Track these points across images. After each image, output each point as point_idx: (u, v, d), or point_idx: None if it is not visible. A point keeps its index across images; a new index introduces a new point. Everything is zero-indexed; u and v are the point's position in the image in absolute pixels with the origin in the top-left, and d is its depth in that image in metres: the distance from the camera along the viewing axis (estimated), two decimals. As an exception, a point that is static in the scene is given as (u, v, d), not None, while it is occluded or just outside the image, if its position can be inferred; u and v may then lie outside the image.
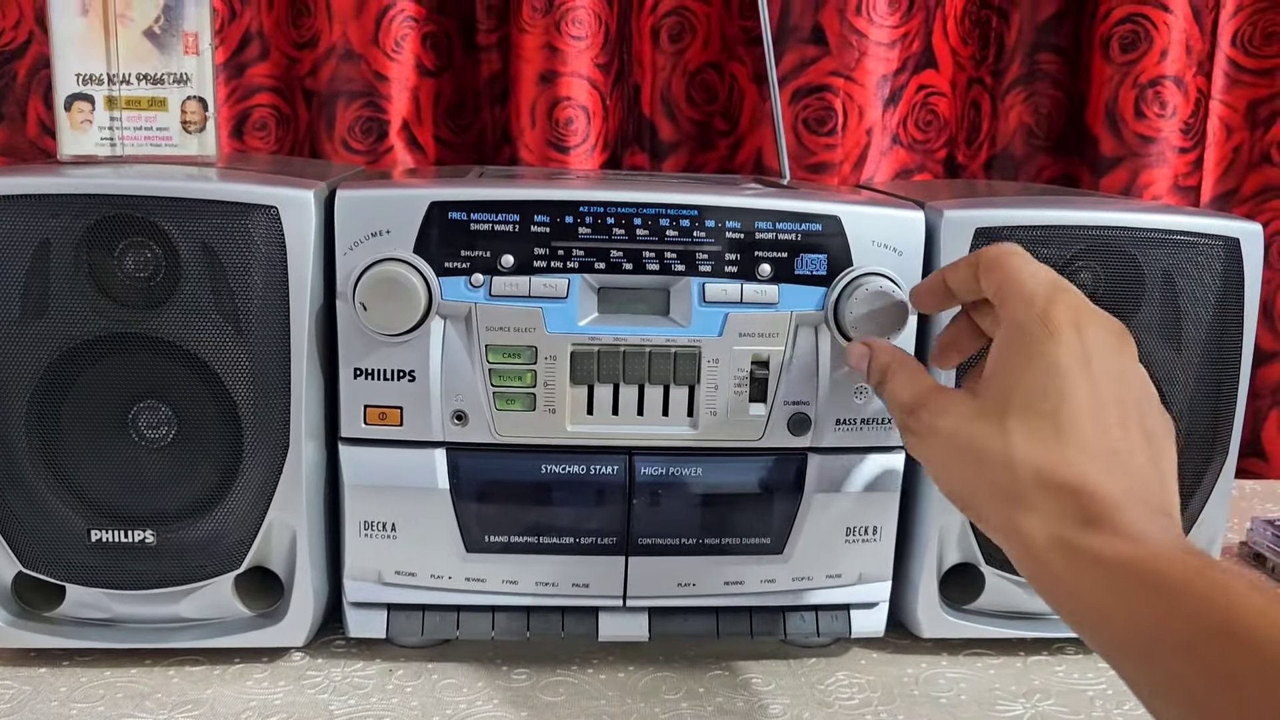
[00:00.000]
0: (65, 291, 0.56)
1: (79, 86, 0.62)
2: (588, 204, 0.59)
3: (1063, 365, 0.46)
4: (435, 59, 0.94)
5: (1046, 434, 0.45)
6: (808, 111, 0.93)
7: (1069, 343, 0.46)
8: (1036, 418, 0.45)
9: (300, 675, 0.63)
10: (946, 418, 0.49)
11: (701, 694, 0.62)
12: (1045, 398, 0.46)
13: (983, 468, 0.47)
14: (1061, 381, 0.46)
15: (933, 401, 0.51)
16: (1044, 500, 0.44)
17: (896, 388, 0.54)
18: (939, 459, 0.51)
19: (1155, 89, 0.94)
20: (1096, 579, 0.42)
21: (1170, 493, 0.46)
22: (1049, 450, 0.45)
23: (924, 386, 0.53)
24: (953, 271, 0.54)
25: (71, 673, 0.62)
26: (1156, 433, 0.47)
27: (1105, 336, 0.47)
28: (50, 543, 0.60)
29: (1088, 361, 0.46)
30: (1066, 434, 0.45)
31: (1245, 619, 0.36)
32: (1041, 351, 0.46)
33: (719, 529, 0.63)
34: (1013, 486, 0.45)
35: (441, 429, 0.61)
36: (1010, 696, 0.63)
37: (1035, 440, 0.45)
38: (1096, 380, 0.46)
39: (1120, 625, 0.41)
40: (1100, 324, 0.48)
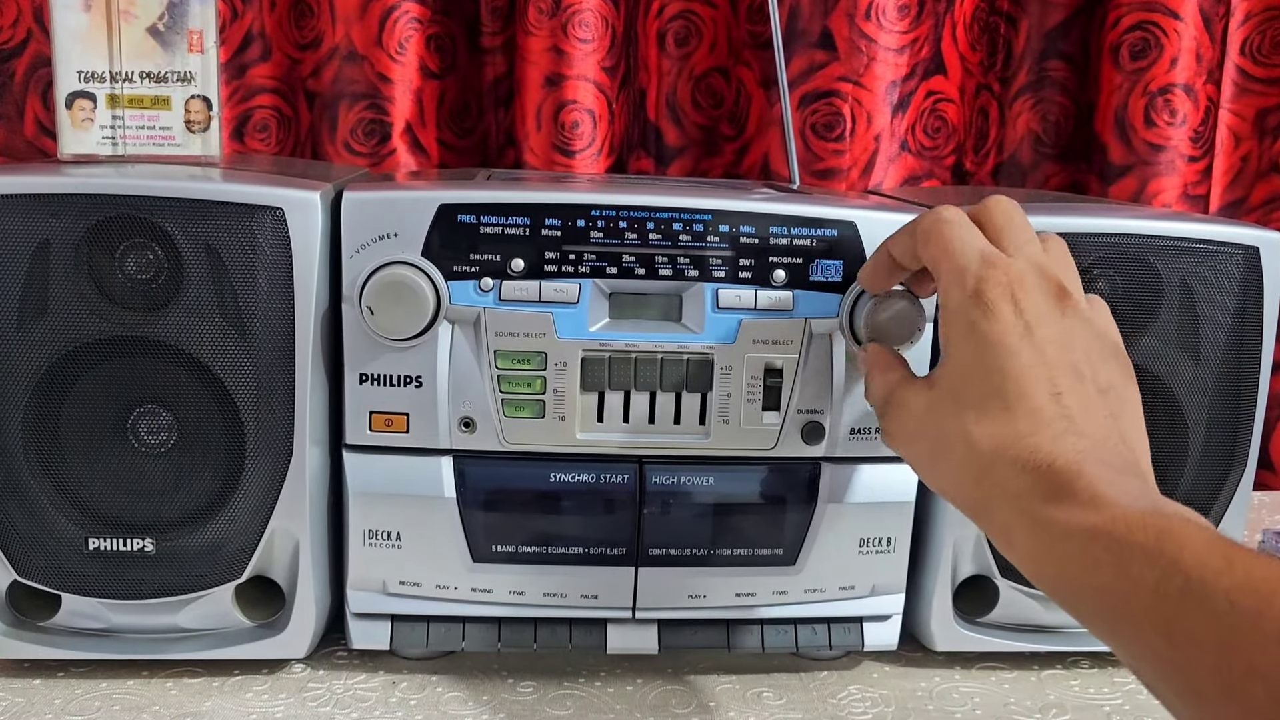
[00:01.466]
0: (65, 293, 0.55)
1: (80, 84, 0.61)
2: (600, 207, 0.58)
3: (1002, 341, 0.46)
4: (439, 61, 0.93)
5: (996, 410, 0.45)
6: (816, 117, 0.92)
7: (1004, 316, 0.46)
8: (985, 397, 0.46)
9: (301, 687, 0.61)
10: (907, 410, 0.50)
11: (712, 708, 0.61)
12: (989, 374, 0.46)
13: (946, 453, 0.47)
14: (1002, 358, 0.46)
15: (895, 396, 0.52)
16: (1005, 477, 0.44)
17: (872, 385, 0.55)
18: (909, 449, 0.51)
19: (1165, 97, 0.93)
20: (1063, 551, 0.42)
21: (1133, 445, 0.46)
22: (1002, 428, 0.45)
23: (892, 381, 0.53)
24: (895, 241, 0.54)
25: (67, 684, 0.61)
26: (1113, 385, 0.47)
27: (1043, 302, 0.47)
28: (46, 550, 0.58)
29: (1028, 332, 0.46)
30: (1015, 407, 0.45)
31: (1205, 582, 0.36)
32: (980, 330, 0.47)
33: (730, 540, 0.62)
34: (976, 470, 0.46)
35: (448, 436, 0.60)
36: (1025, 711, 0.62)
37: (987, 419, 0.46)
38: (1040, 348, 0.46)
39: (1090, 595, 0.41)
40: (1036, 289, 0.47)
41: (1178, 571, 0.37)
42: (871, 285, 0.57)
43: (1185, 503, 0.63)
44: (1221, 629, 0.35)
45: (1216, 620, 0.35)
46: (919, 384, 0.51)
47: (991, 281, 0.47)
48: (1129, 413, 0.48)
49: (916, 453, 0.51)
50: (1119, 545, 0.40)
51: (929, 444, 0.49)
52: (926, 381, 0.51)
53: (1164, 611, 0.37)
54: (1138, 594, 0.38)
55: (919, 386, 0.51)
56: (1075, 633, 0.66)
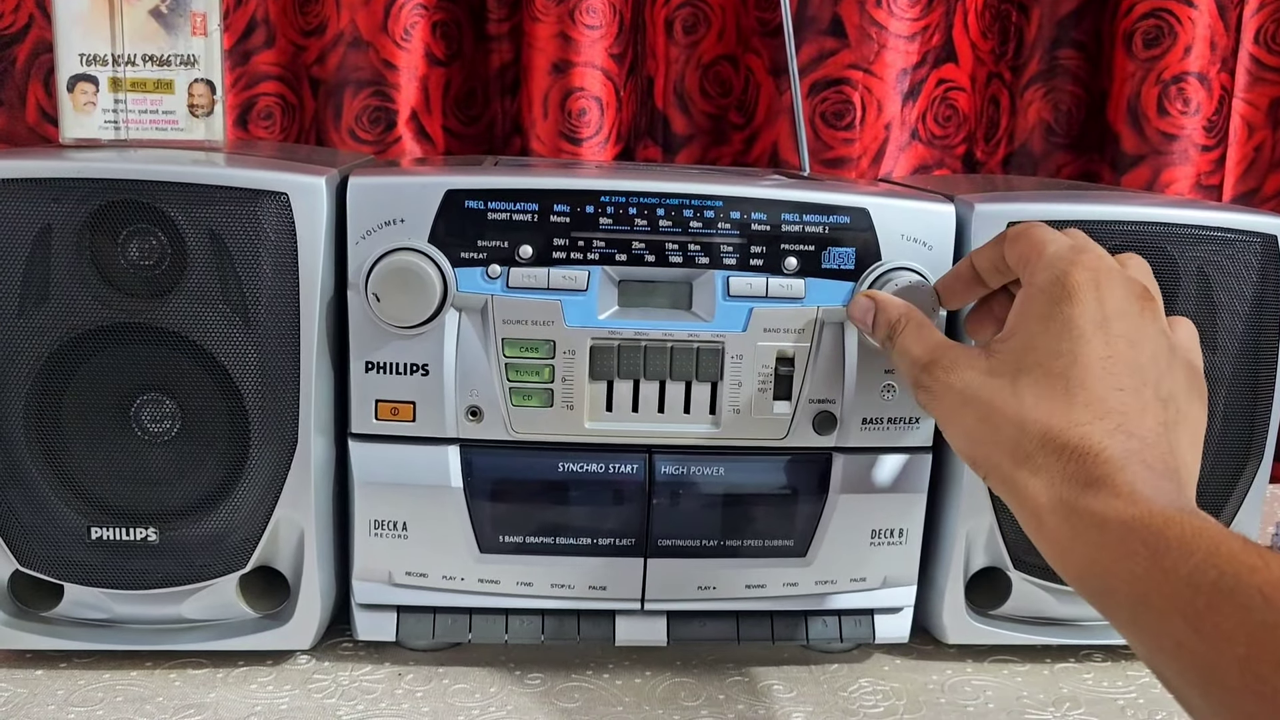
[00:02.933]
0: (67, 279, 0.55)
1: (82, 67, 0.60)
2: (609, 194, 0.57)
3: (1078, 326, 0.46)
4: (445, 48, 0.92)
5: (1057, 394, 0.45)
6: (825, 105, 0.91)
7: (1087, 304, 0.46)
8: (1048, 377, 0.46)
9: (306, 679, 0.61)
10: (960, 373, 0.49)
11: (721, 701, 0.60)
12: (1058, 358, 0.46)
13: (993, 425, 0.47)
14: (1076, 343, 0.46)
15: (946, 357, 0.51)
16: (1049, 460, 0.44)
17: (909, 342, 0.53)
18: (951, 414, 0.50)
19: (1179, 85, 0.92)
20: (1096, 539, 0.42)
21: (1181, 457, 0.46)
22: (1057, 410, 0.45)
23: (935, 341, 0.52)
24: (979, 253, 0.54)
25: (69, 675, 0.60)
26: (1175, 397, 0.47)
27: (1126, 299, 0.47)
28: (49, 540, 0.58)
29: (1104, 324, 0.46)
30: (1076, 394, 0.45)
31: (1240, 577, 0.36)
32: (1059, 312, 0.47)
33: (741, 530, 0.61)
34: (1021, 445, 0.45)
35: (455, 425, 0.59)
36: (1039, 705, 0.61)
37: (1045, 400, 0.45)
38: (1112, 342, 0.46)
39: (1119, 585, 0.41)
40: (1121, 286, 0.48)
41: (1211, 565, 0.37)
42: (948, 297, 0.57)
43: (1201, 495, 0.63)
44: (1252, 623, 0.35)
45: (1248, 614, 0.35)
46: (971, 350, 0.51)
47: (1081, 266, 0.47)
48: (1187, 429, 0.48)
49: (958, 417, 0.50)
50: (1154, 537, 0.39)
51: (975, 411, 0.48)
52: (982, 350, 0.50)
53: (1195, 603, 0.37)
54: (1169, 583, 0.38)
55: (973, 352, 0.50)
56: (1089, 626, 0.66)
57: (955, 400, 0.49)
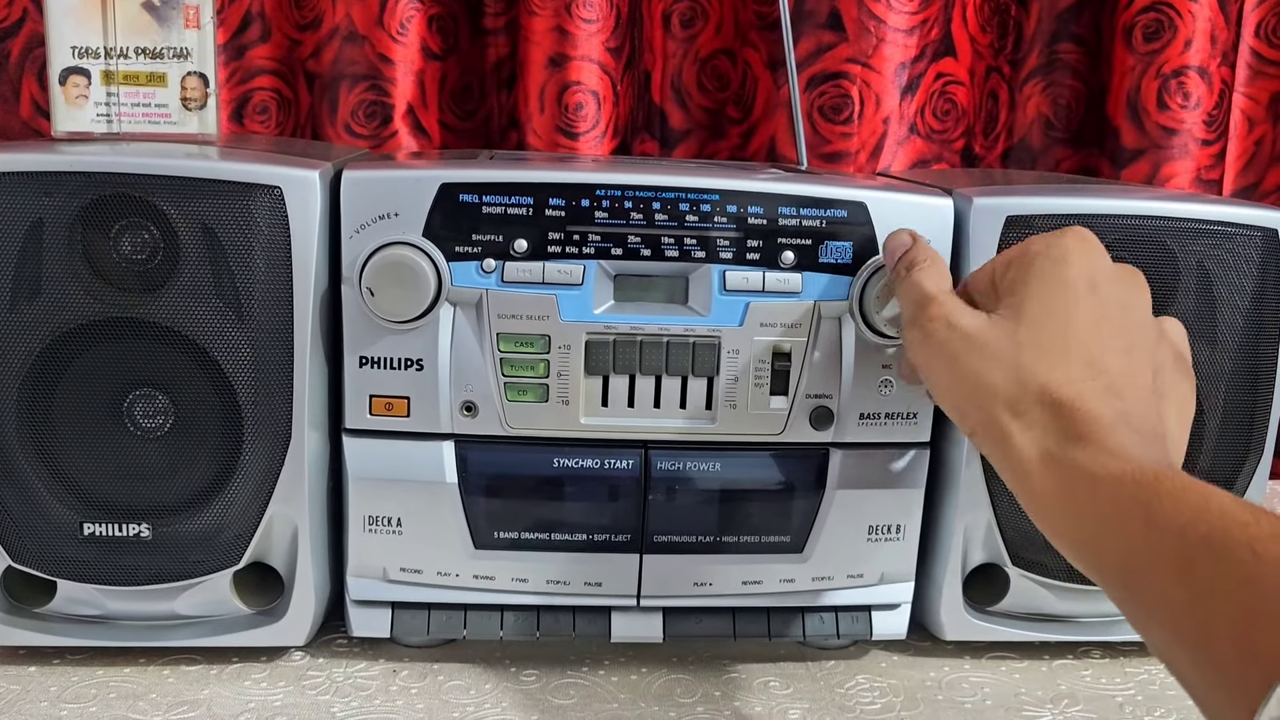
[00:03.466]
0: (59, 274, 0.54)
1: (74, 60, 0.60)
2: (605, 187, 0.57)
3: (1073, 286, 0.47)
4: (441, 42, 0.91)
5: (1056, 349, 0.46)
6: (823, 99, 0.91)
7: (1080, 267, 0.48)
8: (1046, 333, 0.47)
9: (301, 675, 0.60)
10: (959, 322, 0.49)
11: (717, 697, 0.60)
12: (1054, 315, 0.47)
13: (989, 374, 0.47)
14: (1071, 302, 0.47)
15: (950, 302, 0.51)
16: (1042, 415, 0.45)
17: (924, 277, 0.53)
18: (944, 359, 0.50)
19: (1179, 79, 0.92)
20: (1084, 495, 0.42)
21: (1168, 426, 0.47)
22: (1054, 366, 0.46)
23: (947, 286, 0.52)
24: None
25: (62, 671, 0.60)
26: (1164, 370, 0.48)
27: (1116, 270, 0.49)
28: (41, 536, 0.58)
29: (1095, 287, 0.48)
30: (1073, 351, 0.46)
31: (1230, 532, 0.36)
32: (1055, 272, 0.48)
33: (737, 526, 0.61)
34: (1015, 397, 0.46)
35: (450, 420, 0.58)
36: (1037, 702, 0.61)
37: (1045, 355, 0.46)
38: (1104, 305, 0.47)
39: (1109, 542, 0.41)
40: (1109, 262, 0.50)
41: (1202, 520, 0.37)
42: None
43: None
44: (1244, 577, 0.35)
45: (1240, 568, 0.35)
46: (973, 309, 0.51)
47: (1072, 235, 0.49)
48: (1174, 402, 0.48)
49: (952, 364, 0.49)
50: (1145, 491, 0.40)
51: (970, 360, 0.48)
52: (984, 310, 0.50)
53: (1185, 557, 0.37)
54: (1160, 539, 0.38)
55: (974, 310, 0.50)
56: (1087, 622, 0.65)
57: (955, 343, 0.49)
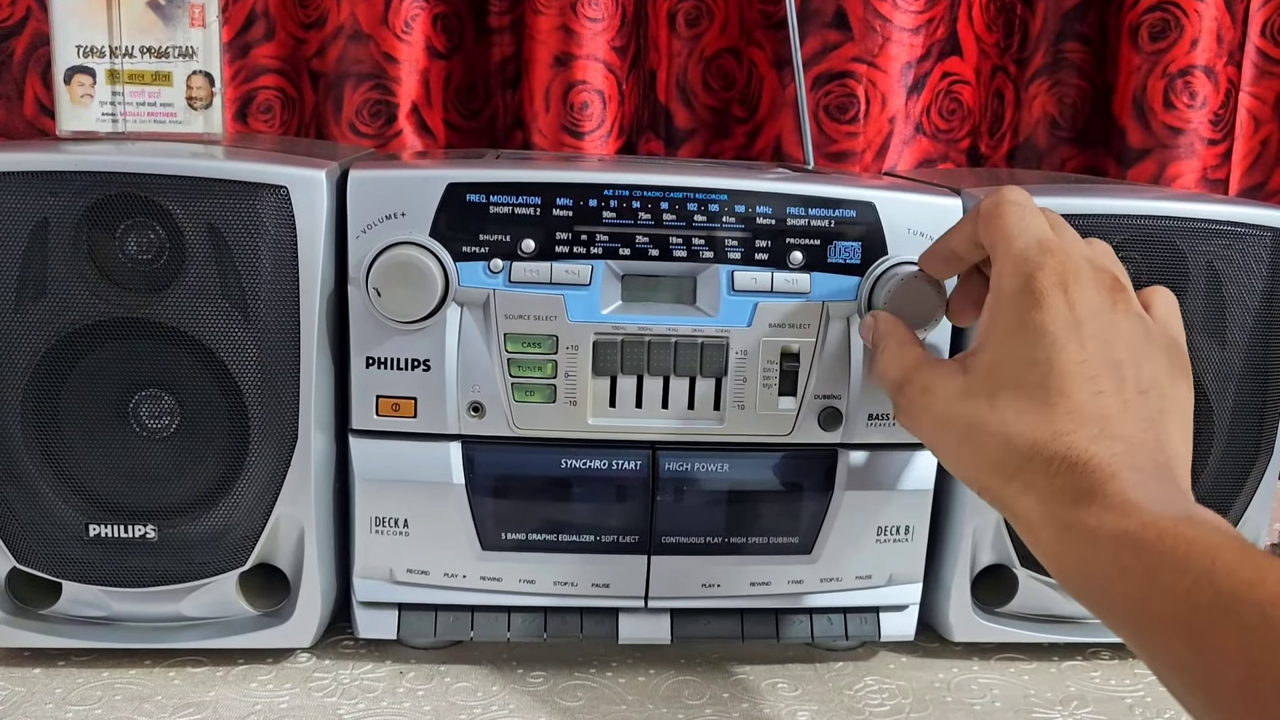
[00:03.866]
0: (64, 274, 0.54)
1: (79, 59, 0.59)
2: (613, 187, 0.57)
3: (1050, 333, 0.45)
4: (446, 41, 0.91)
5: (1037, 405, 0.44)
6: (829, 98, 0.90)
7: (1056, 308, 0.45)
8: (1026, 389, 0.45)
9: (307, 677, 0.60)
10: (936, 393, 0.48)
11: (726, 699, 0.60)
12: (1033, 367, 0.45)
13: (977, 443, 0.46)
14: (1049, 350, 0.45)
15: (919, 377, 0.50)
16: (1036, 475, 0.43)
17: (887, 362, 0.53)
18: (930, 435, 0.50)
19: (1185, 79, 0.91)
20: (1091, 554, 0.41)
21: (1172, 449, 0.45)
22: (1040, 422, 0.44)
23: (911, 360, 0.51)
24: (955, 231, 0.53)
25: (67, 673, 0.60)
26: (1157, 383, 0.46)
27: (1096, 295, 0.46)
28: (46, 537, 0.57)
29: (1076, 326, 0.45)
30: (1056, 403, 0.44)
31: (1238, 594, 0.36)
32: (1028, 320, 0.45)
33: (745, 528, 0.60)
34: (1007, 462, 0.44)
35: (457, 421, 0.58)
36: (1046, 704, 0.61)
37: (1027, 414, 0.44)
38: (1086, 344, 0.45)
39: (1117, 603, 0.40)
40: (1091, 282, 0.46)
41: (1209, 582, 0.36)
42: (931, 267, 0.56)
43: (1210, 491, 0.63)
44: (1252, 642, 0.34)
45: (1247, 633, 0.34)
46: (947, 366, 0.50)
47: (1047, 270, 0.46)
48: (1173, 414, 0.46)
49: (940, 439, 0.49)
50: (1148, 552, 0.39)
51: (956, 432, 0.47)
52: (957, 365, 0.49)
53: (1193, 622, 0.36)
54: (1166, 602, 0.37)
55: (948, 370, 0.49)
56: (1096, 624, 0.64)
57: (933, 422, 0.49)
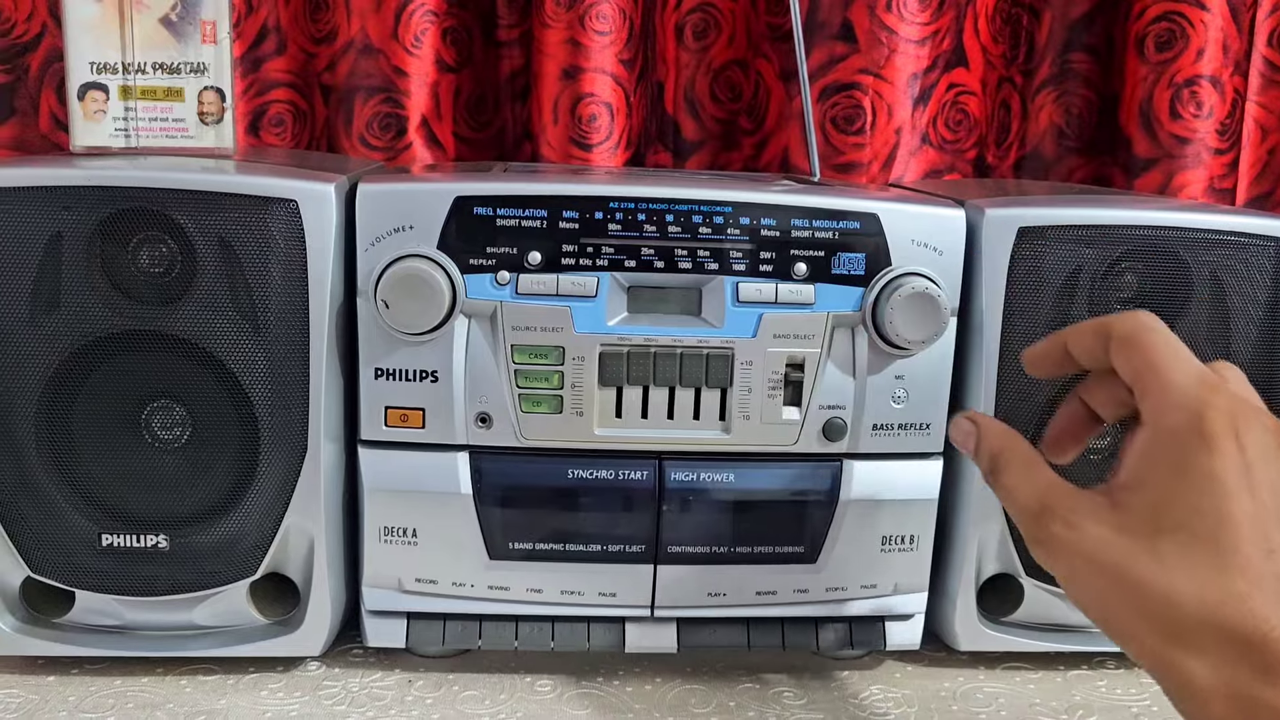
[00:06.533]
0: (77, 287, 0.55)
1: (93, 75, 0.60)
2: (618, 200, 0.57)
3: (1221, 480, 0.40)
4: (455, 54, 0.92)
5: (1207, 561, 0.40)
6: (836, 110, 0.91)
7: (1228, 454, 0.41)
8: (1194, 541, 0.40)
9: (317, 685, 0.61)
10: (1084, 529, 0.43)
11: (732, 708, 0.60)
12: (1203, 517, 0.40)
13: (1133, 594, 0.41)
14: (1221, 500, 0.40)
15: (1062, 506, 0.44)
16: (1211, 643, 0.39)
17: (1014, 484, 0.47)
18: (1076, 575, 0.44)
19: (1191, 89, 0.92)
20: None
21: None
22: (1211, 582, 0.39)
23: (1046, 483, 0.46)
24: (1076, 337, 0.48)
25: (81, 681, 0.60)
26: None
27: (1265, 439, 0.42)
28: (59, 547, 0.58)
29: (1248, 472, 0.41)
30: (1229, 560, 0.40)
31: None
32: (1196, 464, 0.41)
33: (751, 537, 0.61)
34: (1173, 622, 0.40)
35: (465, 432, 0.59)
36: (1051, 713, 0.61)
37: (1196, 569, 0.40)
38: (1258, 493, 0.41)
39: None
40: (1259, 424, 0.42)
41: None
42: (1035, 368, 0.51)
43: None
44: None
45: None
46: (1092, 498, 0.44)
47: (1217, 409, 0.42)
48: None
49: (1087, 582, 0.43)
50: None
51: (1109, 578, 0.42)
52: (1104, 498, 0.44)
53: None
54: None
55: (1095, 502, 0.44)
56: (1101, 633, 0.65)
57: (1082, 561, 0.43)
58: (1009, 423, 0.51)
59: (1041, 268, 0.60)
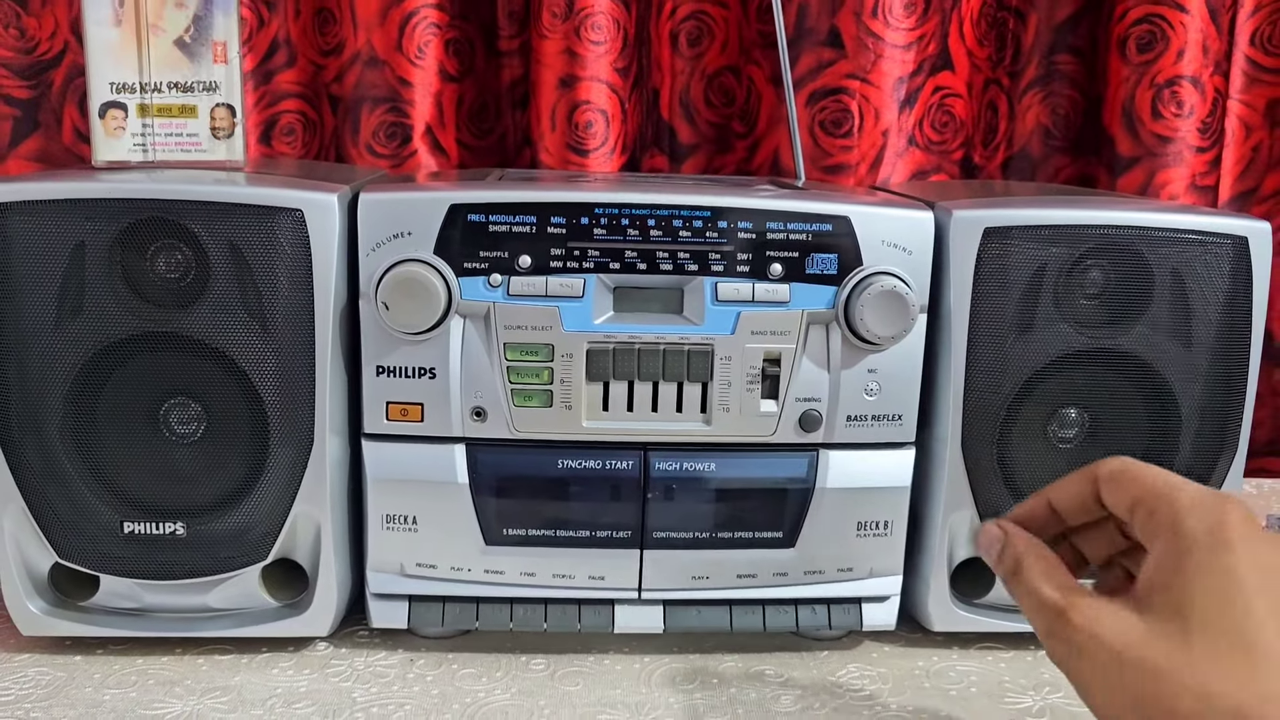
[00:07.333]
0: (99, 292, 0.59)
1: (113, 95, 0.64)
2: (603, 206, 0.61)
3: (1245, 579, 0.40)
4: (458, 64, 0.95)
5: (1238, 658, 0.39)
6: (824, 114, 0.94)
7: (1250, 554, 0.41)
8: (1223, 637, 0.40)
9: (325, 664, 0.64)
10: (1108, 627, 0.42)
11: (715, 684, 0.63)
12: (1228, 613, 0.40)
13: (1164, 693, 0.39)
14: (1246, 595, 0.40)
15: (1084, 602, 0.43)
16: None
17: (1038, 581, 0.46)
18: (1099, 676, 0.42)
19: (1172, 89, 0.94)
20: None
21: None
22: (1245, 682, 0.38)
23: (1070, 585, 0.45)
24: (1061, 490, 0.49)
25: (105, 660, 0.64)
26: None
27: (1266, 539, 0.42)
28: (85, 535, 0.62)
29: (1268, 572, 0.41)
30: (1258, 659, 0.39)
31: None
32: (1220, 563, 0.41)
33: (732, 523, 0.64)
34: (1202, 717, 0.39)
35: (461, 425, 0.62)
36: (1020, 689, 0.64)
37: (1227, 665, 0.39)
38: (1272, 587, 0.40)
39: None
40: (1270, 534, 0.43)
41: None
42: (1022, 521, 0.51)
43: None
44: None
45: None
46: (1115, 600, 0.43)
47: (1236, 516, 0.42)
48: None
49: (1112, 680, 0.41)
50: None
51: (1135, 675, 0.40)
52: (1129, 601, 0.42)
53: None
54: None
55: (1119, 603, 0.43)
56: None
57: (1106, 657, 0.41)
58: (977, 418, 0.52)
59: (1007, 266, 0.63)
